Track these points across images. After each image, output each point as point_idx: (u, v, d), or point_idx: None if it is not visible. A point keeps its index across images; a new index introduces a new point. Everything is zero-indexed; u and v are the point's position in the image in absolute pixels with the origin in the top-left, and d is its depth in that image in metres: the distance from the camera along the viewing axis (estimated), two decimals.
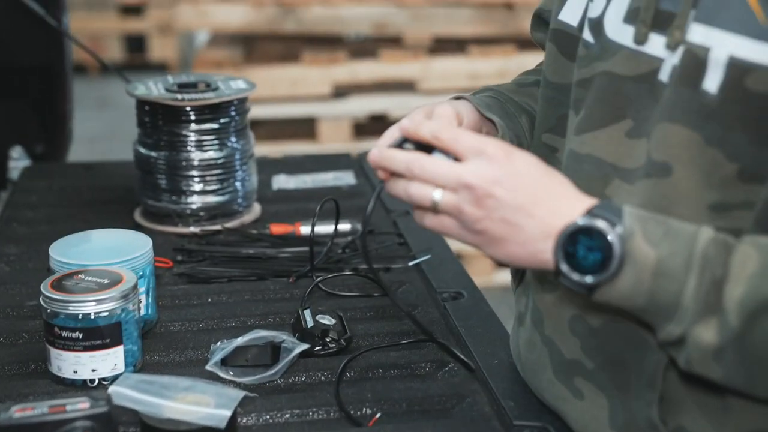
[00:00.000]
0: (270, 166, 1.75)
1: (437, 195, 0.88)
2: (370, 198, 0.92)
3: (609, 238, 0.83)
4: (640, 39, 0.91)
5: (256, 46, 3.29)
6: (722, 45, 0.84)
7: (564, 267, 0.85)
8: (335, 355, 1.13)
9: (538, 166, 0.88)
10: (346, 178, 1.69)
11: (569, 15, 1.02)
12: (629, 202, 0.89)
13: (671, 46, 0.88)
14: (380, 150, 0.92)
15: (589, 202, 0.87)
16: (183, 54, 5.49)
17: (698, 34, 0.86)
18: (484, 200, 0.86)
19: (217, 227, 1.47)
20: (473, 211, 0.86)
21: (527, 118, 1.10)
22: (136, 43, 5.45)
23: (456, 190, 0.87)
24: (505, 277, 3.16)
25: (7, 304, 1.26)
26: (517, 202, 0.85)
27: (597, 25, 0.96)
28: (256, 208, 1.56)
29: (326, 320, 1.16)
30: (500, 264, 0.94)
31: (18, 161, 1.80)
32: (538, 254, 0.86)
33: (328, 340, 1.13)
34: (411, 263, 1.37)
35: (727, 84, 0.84)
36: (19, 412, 0.89)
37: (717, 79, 0.84)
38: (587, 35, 0.98)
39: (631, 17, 0.92)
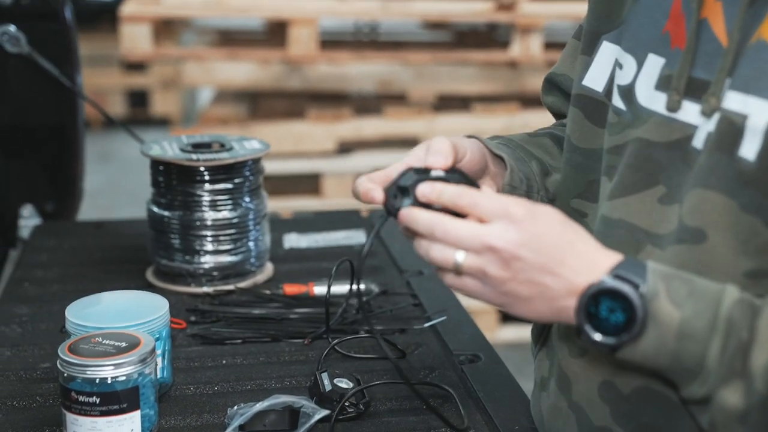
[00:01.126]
0: (281, 225, 1.74)
1: (460, 257, 0.87)
2: (382, 257, 0.92)
3: (632, 300, 0.82)
4: (673, 106, 0.91)
5: (262, 103, 3.31)
6: (760, 113, 0.84)
7: (586, 327, 0.84)
8: (354, 419, 1.12)
9: (561, 223, 0.87)
10: (357, 236, 1.69)
11: (593, 81, 1.03)
12: None
13: (707, 113, 0.88)
14: (408, 210, 0.90)
15: (611, 259, 0.86)
16: (185, 109, 5.53)
17: (735, 101, 0.86)
18: (510, 262, 0.85)
19: (230, 287, 1.47)
20: (499, 273, 0.85)
21: (537, 164, 1.10)
22: (138, 98, 5.50)
23: (480, 253, 0.86)
24: (509, 333, 3.14)
25: (20, 367, 1.25)
26: (542, 262, 0.85)
27: (628, 92, 0.96)
28: (269, 268, 1.55)
29: (344, 384, 1.15)
30: (521, 320, 0.94)
31: (28, 219, 1.80)
32: (563, 311, 0.86)
33: (346, 404, 1.12)
34: (426, 324, 1.36)
35: (766, 151, 0.84)
36: None
37: (755, 147, 0.84)
38: (618, 102, 0.98)
39: (662, 85, 0.93)
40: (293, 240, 1.68)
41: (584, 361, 0.97)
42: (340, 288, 1.42)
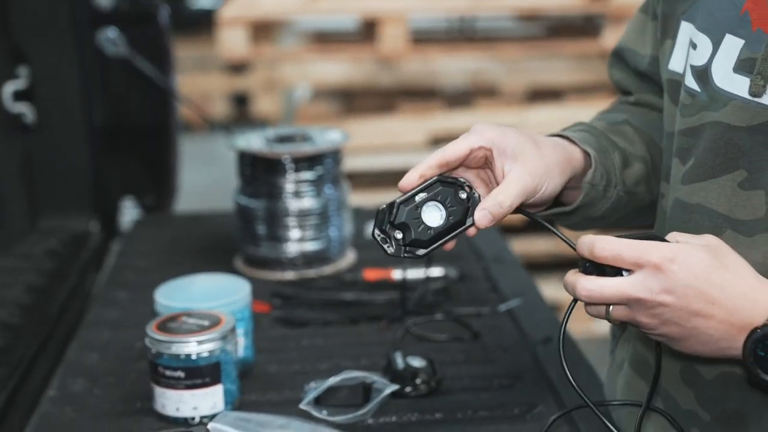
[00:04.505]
0: (366, 215, 1.80)
1: (610, 310, 0.86)
2: (461, 244, 0.85)
3: None
4: (757, 91, 0.88)
5: (355, 100, 3.38)
6: None
7: (756, 371, 0.82)
8: (426, 396, 1.16)
9: (707, 264, 0.83)
10: None
11: (676, 63, 0.99)
12: (748, 255, 0.87)
13: None
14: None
15: None
16: (284, 109, 5.67)
17: None
18: (656, 309, 0.83)
19: (313, 273, 1.53)
20: (647, 321, 0.84)
21: (620, 155, 1.05)
22: (241, 100, 5.67)
23: (627, 305, 0.85)
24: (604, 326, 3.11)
25: (118, 347, 1.33)
26: (690, 308, 0.82)
27: (702, 73, 0.93)
28: (351, 255, 1.60)
29: (417, 362, 1.19)
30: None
31: (130, 212, 1.91)
32: (724, 351, 0.84)
33: (418, 381, 1.16)
34: (502, 308, 1.39)
35: None
36: None
37: None
38: (691, 83, 0.95)
39: (743, 67, 0.90)
40: None
41: (662, 347, 0.95)
42: (420, 273, 1.46)
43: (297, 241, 1.54)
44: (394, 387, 1.11)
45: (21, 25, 1.75)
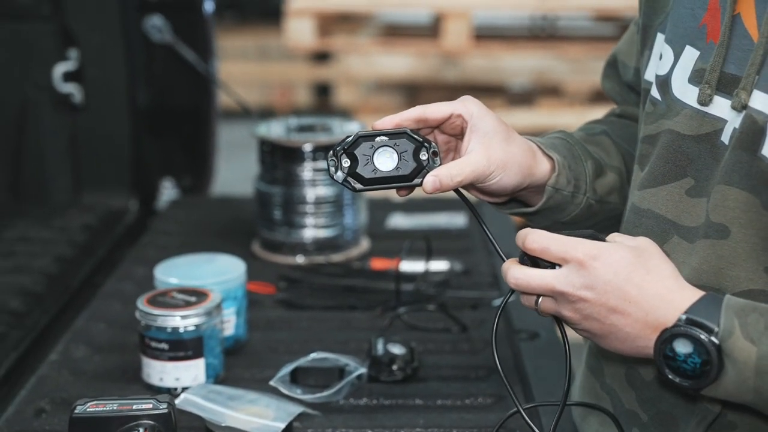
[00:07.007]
0: (387, 207, 1.83)
1: (539, 302, 0.89)
2: (476, 238, 0.89)
3: (706, 345, 0.81)
4: (704, 100, 0.91)
5: (420, 95, 3.41)
6: None
7: (666, 371, 0.84)
8: (401, 383, 1.19)
9: (628, 263, 0.86)
10: (457, 219, 1.75)
11: (650, 73, 1.01)
12: (688, 261, 0.89)
13: (737, 108, 0.88)
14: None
15: (688, 298, 0.84)
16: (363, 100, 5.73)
17: (759, 100, 0.86)
18: (578, 304, 0.86)
19: (322, 259, 1.57)
20: (570, 315, 0.87)
21: (593, 164, 1.07)
22: (323, 90, 5.75)
23: (552, 297, 0.88)
24: None
25: (126, 319, 1.40)
26: (609, 304, 0.85)
27: (664, 83, 0.97)
28: (364, 244, 1.64)
29: (397, 349, 1.22)
30: None
31: (169, 192, 1.99)
32: (641, 350, 0.86)
33: (394, 368, 1.19)
34: (495, 302, 1.41)
35: None
36: (92, 407, 1.00)
37: None
38: (655, 92, 0.99)
39: (695, 78, 0.93)
40: (396, 220, 1.76)
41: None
42: (429, 265, 1.49)
43: (311, 228, 1.59)
44: (362, 370, 1.15)
45: (72, 9, 1.84)
